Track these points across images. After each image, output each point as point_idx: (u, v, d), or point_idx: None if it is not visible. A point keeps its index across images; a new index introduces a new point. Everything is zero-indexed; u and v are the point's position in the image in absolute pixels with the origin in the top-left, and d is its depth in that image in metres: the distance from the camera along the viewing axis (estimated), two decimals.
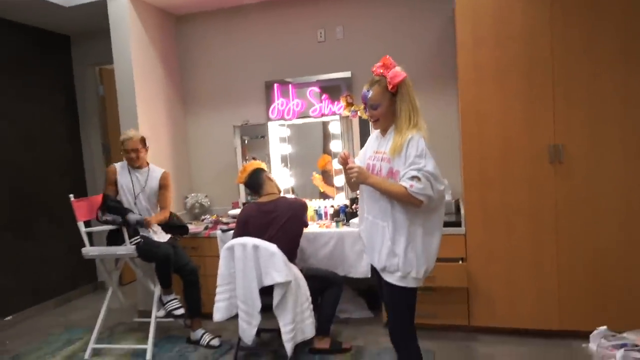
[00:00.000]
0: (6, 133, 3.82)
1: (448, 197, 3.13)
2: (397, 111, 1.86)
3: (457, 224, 2.90)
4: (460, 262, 2.83)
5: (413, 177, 1.77)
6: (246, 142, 3.81)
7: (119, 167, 3.18)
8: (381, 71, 1.90)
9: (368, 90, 1.91)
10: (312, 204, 3.56)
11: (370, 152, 2.04)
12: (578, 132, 2.63)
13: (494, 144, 2.76)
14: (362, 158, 2.11)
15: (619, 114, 2.57)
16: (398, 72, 1.84)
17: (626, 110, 2.55)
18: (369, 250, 2.01)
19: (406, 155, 1.81)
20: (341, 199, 3.57)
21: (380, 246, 1.90)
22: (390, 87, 1.85)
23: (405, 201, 1.80)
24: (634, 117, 2.55)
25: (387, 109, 1.90)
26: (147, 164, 3.23)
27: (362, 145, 3.40)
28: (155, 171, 3.21)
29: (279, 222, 2.71)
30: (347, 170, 1.92)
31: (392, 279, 1.89)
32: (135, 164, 3.13)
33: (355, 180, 1.90)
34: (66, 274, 4.28)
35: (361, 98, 1.96)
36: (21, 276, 3.87)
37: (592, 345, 1.96)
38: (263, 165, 3.01)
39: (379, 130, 2.02)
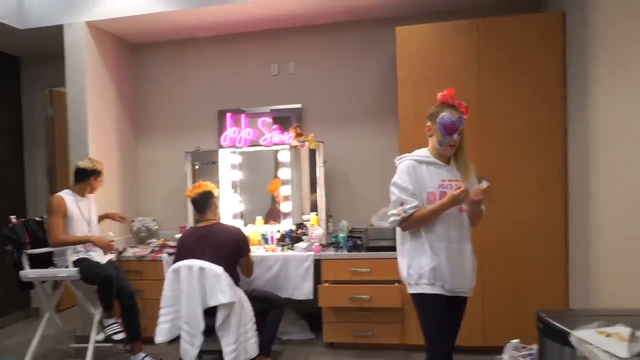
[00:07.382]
0: None
1: (386, 225, 3.32)
2: (464, 138, 2.00)
3: (392, 248, 3.07)
4: (396, 284, 3.02)
5: None
6: (197, 167, 3.89)
7: (65, 196, 3.06)
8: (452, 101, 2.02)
9: (459, 118, 1.94)
10: (260, 229, 3.67)
11: (434, 182, 1.98)
12: (500, 164, 2.95)
13: None
14: (417, 191, 1.98)
15: (534, 148, 2.93)
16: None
17: (541, 145, 2.92)
18: (458, 278, 1.97)
19: (473, 180, 2.07)
20: (288, 224, 3.70)
21: (471, 268, 2.03)
22: (465, 115, 1.99)
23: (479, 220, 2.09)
24: (551, 151, 2.91)
25: None
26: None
27: (311, 174, 3.66)
28: (90, 197, 3.23)
29: (211, 246, 2.72)
30: (460, 191, 1.88)
31: (469, 293, 2.07)
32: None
33: (462, 198, 1.91)
34: None
35: (447, 123, 1.92)
36: None
37: (505, 356, 2.17)
38: (216, 192, 3.05)
39: (430, 161, 2.01)
